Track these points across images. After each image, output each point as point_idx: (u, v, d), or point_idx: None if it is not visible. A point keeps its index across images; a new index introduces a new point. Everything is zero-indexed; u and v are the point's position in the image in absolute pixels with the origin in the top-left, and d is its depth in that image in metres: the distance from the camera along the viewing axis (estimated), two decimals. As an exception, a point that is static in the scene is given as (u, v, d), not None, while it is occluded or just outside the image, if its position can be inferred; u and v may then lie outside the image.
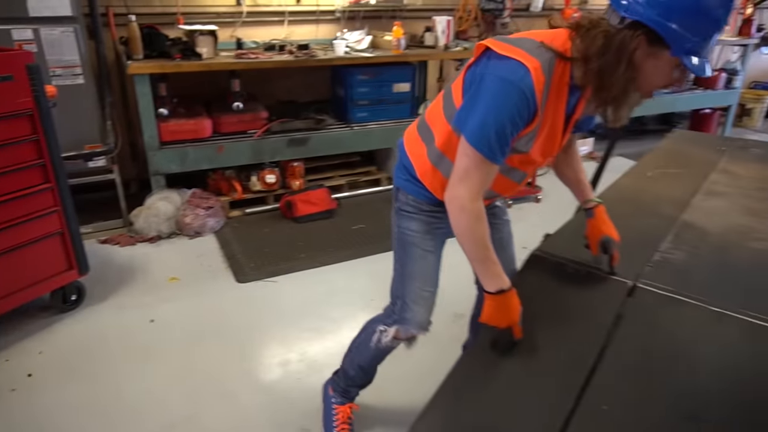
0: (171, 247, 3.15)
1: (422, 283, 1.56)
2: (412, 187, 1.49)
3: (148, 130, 3.14)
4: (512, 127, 1.18)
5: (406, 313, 1.57)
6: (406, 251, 1.55)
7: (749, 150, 2.80)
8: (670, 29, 1.06)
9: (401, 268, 1.57)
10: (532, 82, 1.15)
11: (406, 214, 1.52)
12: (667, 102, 5.10)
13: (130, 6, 3.46)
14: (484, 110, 1.18)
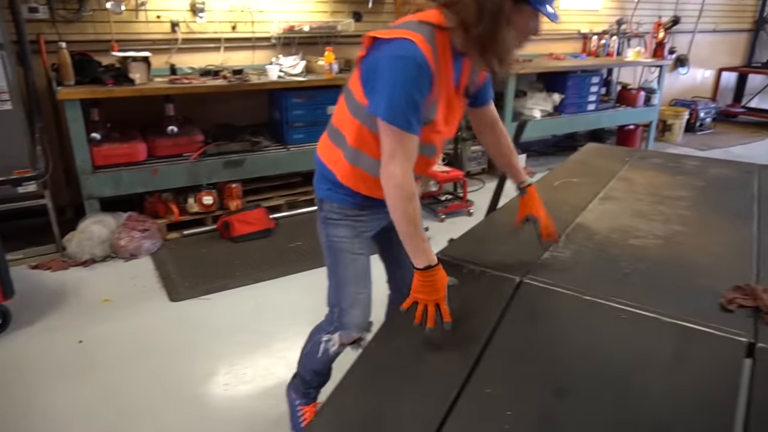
0: (105, 270, 3.15)
1: (356, 287, 1.62)
2: (335, 195, 1.55)
3: (80, 155, 3.16)
4: (419, 94, 1.29)
5: (345, 318, 1.63)
6: (336, 258, 1.60)
7: (649, 160, 3.06)
8: None
9: (334, 275, 1.63)
10: (422, 52, 1.26)
11: (333, 222, 1.58)
12: (593, 119, 5.45)
13: (63, 34, 3.50)
14: (388, 88, 1.28)
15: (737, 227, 2.08)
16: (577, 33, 5.93)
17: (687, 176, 2.76)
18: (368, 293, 1.66)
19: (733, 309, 1.48)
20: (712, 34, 7.29)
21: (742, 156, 5.98)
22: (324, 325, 1.73)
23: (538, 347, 1.42)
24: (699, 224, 2.12)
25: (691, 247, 1.93)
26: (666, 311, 1.44)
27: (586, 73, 5.27)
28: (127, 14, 3.64)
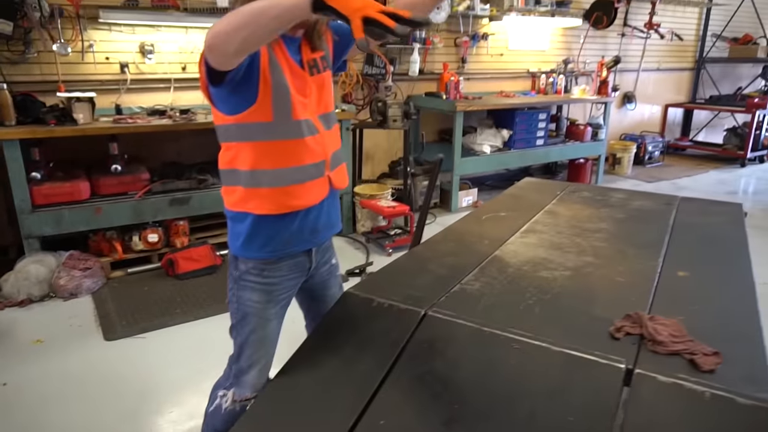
0: (42, 310, 3.11)
1: (258, 351, 1.59)
2: (251, 247, 1.48)
3: (19, 194, 3.16)
4: None
5: (242, 376, 1.60)
6: (245, 320, 1.55)
7: (578, 194, 3.20)
8: None
9: (239, 335, 1.58)
10: None
11: (248, 285, 1.52)
12: (542, 154, 5.64)
13: (8, 75, 3.54)
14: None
15: (645, 258, 2.19)
16: (526, 72, 6.20)
17: (610, 209, 2.89)
18: (269, 358, 1.63)
19: (620, 337, 1.56)
20: (656, 73, 7.67)
21: (688, 187, 6.24)
22: (221, 380, 1.68)
23: (434, 378, 1.47)
24: (609, 256, 2.23)
25: (596, 277, 2.02)
26: (556, 340, 1.51)
27: (533, 110, 5.48)
28: (76, 56, 3.70)
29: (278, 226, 1.48)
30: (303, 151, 1.44)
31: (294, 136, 1.42)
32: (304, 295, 1.80)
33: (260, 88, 1.34)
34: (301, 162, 1.44)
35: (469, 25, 5.37)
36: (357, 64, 4.92)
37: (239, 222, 1.50)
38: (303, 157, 1.44)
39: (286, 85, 1.38)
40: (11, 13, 3.36)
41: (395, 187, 4.70)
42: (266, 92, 1.35)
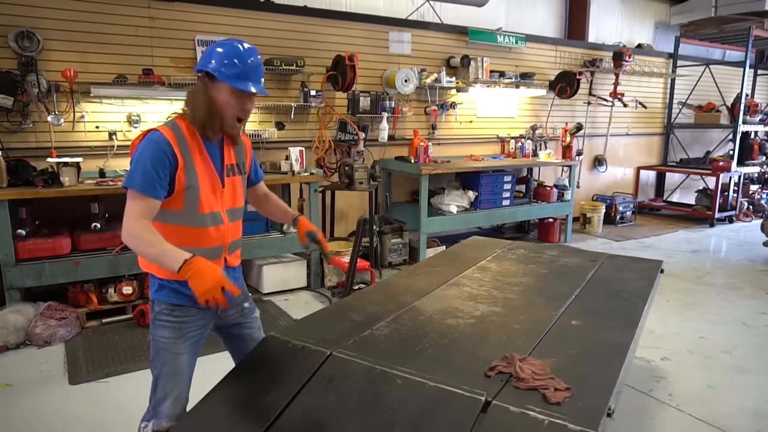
0: (17, 356, 3.35)
1: (171, 383, 1.81)
2: (162, 294, 1.79)
3: (3, 249, 3.47)
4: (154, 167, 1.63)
5: (158, 407, 1.81)
6: (158, 355, 1.81)
7: (516, 251, 3.47)
8: (212, 67, 1.69)
9: (154, 369, 1.83)
10: (164, 137, 1.67)
11: (160, 323, 1.80)
12: (507, 213, 5.96)
13: (6, 142, 3.95)
14: (133, 163, 1.67)
15: (548, 308, 2.44)
16: (496, 137, 6.62)
17: (537, 265, 3.16)
18: (182, 389, 1.84)
19: (491, 375, 1.80)
20: (626, 137, 8.11)
21: (653, 246, 6.50)
22: (145, 414, 1.86)
23: (326, 409, 1.71)
24: (517, 306, 2.48)
25: (496, 325, 2.26)
26: (435, 377, 1.75)
27: (498, 172, 5.85)
28: (68, 125, 4.12)
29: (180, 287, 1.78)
30: (204, 237, 1.81)
31: (198, 224, 1.79)
32: (223, 336, 2.06)
33: (175, 187, 1.71)
34: (200, 245, 1.79)
35: (436, 96, 5.83)
36: (330, 132, 5.34)
37: (153, 276, 1.82)
38: (203, 242, 1.80)
39: (197, 186, 1.75)
40: (12, 89, 3.81)
41: (362, 245, 4.98)
42: (180, 190, 1.72)
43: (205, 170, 1.77)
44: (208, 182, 1.78)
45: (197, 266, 1.58)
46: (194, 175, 1.73)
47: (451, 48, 6.04)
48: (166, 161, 1.65)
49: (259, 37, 4.82)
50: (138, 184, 1.63)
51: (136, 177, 1.63)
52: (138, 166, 1.64)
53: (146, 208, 1.64)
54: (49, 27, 4.00)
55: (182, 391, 1.85)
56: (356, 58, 4.91)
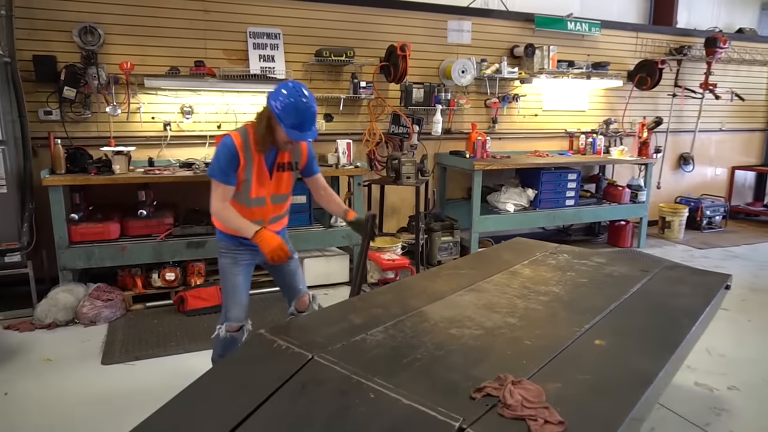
0: (64, 333, 3.55)
1: (233, 294, 2.52)
2: (223, 237, 2.52)
3: (58, 232, 3.69)
4: (227, 164, 2.31)
5: (227, 313, 2.52)
6: (223, 275, 2.55)
7: (558, 256, 3.16)
8: (276, 110, 2.28)
9: (222, 286, 2.58)
10: (234, 142, 2.33)
11: (222, 254, 2.54)
12: (571, 215, 5.53)
13: (70, 131, 4.20)
14: (214, 158, 2.37)
15: (571, 324, 2.16)
16: (564, 132, 6.17)
17: (577, 272, 2.84)
18: (241, 299, 2.53)
19: (477, 397, 1.60)
20: (719, 134, 7.28)
21: (742, 256, 5.77)
22: (220, 318, 2.57)
23: (292, 417, 1.59)
24: (537, 318, 2.22)
25: (505, 338, 2.03)
26: (411, 395, 1.58)
27: (562, 169, 5.44)
28: (127, 115, 4.32)
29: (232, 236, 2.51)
30: (248, 213, 2.44)
31: (246, 205, 2.45)
32: (269, 269, 2.77)
33: (237, 178, 2.38)
34: (248, 218, 2.41)
35: (496, 87, 5.52)
36: (383, 124, 5.21)
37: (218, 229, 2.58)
38: (249, 216, 2.43)
39: (250, 180, 2.41)
40: (75, 81, 4.04)
41: (409, 242, 4.83)
42: (240, 181, 2.39)
43: (257, 168, 2.40)
44: (257, 177, 2.42)
45: (264, 235, 2.30)
46: (249, 171, 2.38)
47: (515, 37, 5.69)
48: (232, 160, 2.32)
49: (309, 28, 4.79)
50: (217, 176, 2.33)
51: (216, 170, 2.33)
52: (216, 162, 2.33)
53: (225, 191, 2.35)
54: (109, 22, 4.20)
55: (241, 300, 2.53)
56: (408, 48, 4.74)
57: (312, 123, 2.33)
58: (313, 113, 2.32)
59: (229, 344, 2.55)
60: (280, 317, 3.85)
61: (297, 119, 2.27)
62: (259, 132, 2.34)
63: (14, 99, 3.68)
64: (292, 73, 4.70)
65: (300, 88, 2.30)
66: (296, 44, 4.77)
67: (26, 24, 4.00)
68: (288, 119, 2.26)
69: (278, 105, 2.26)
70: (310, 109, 2.30)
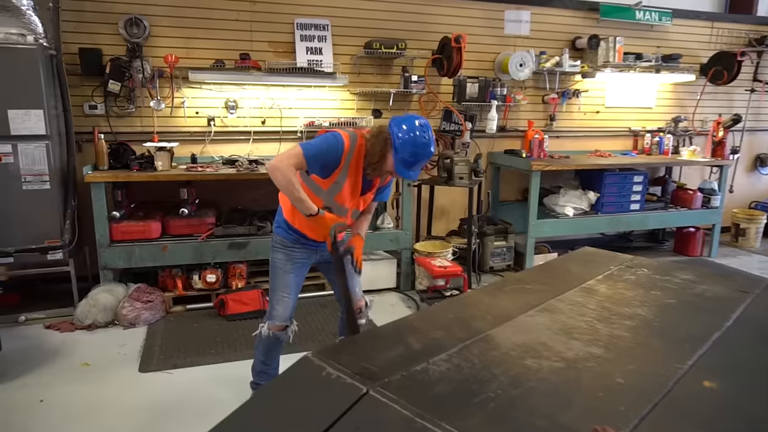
0: (103, 335, 3.44)
1: (282, 291, 2.39)
2: (280, 230, 2.39)
3: (100, 230, 3.58)
4: (325, 155, 2.17)
5: (273, 311, 2.41)
6: (274, 271, 2.41)
7: (636, 270, 2.80)
8: (396, 139, 2.13)
9: (272, 282, 2.43)
10: (344, 143, 2.18)
11: (276, 248, 2.40)
12: (636, 220, 5.10)
13: (115, 126, 4.10)
14: (318, 139, 2.22)
15: (670, 358, 1.82)
16: (628, 130, 5.73)
17: (663, 291, 2.48)
18: (290, 298, 2.42)
19: (567, 455, 1.30)
20: (802, 133, 6.63)
21: (830, 270, 5.19)
22: (264, 317, 2.47)
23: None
24: (626, 348, 1.89)
25: (592, 374, 1.72)
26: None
27: (627, 171, 5.02)
28: (171, 110, 4.19)
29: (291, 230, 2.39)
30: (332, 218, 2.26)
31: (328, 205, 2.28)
32: (323, 269, 2.65)
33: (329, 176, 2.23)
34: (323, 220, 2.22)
35: (556, 82, 5.13)
36: (433, 121, 4.93)
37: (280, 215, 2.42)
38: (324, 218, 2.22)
39: (341, 186, 2.26)
40: (120, 75, 3.93)
41: (459, 246, 4.53)
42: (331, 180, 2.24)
43: (353, 180, 2.27)
44: (350, 188, 2.28)
45: (321, 218, 2.19)
46: (343, 178, 2.24)
47: (578, 27, 5.29)
48: (331, 158, 2.18)
49: (359, 19, 4.55)
50: (308, 153, 2.15)
51: (312, 149, 2.17)
52: (317, 144, 2.20)
53: (301, 164, 2.17)
54: (155, 14, 4.07)
55: (290, 299, 2.42)
56: (463, 40, 4.43)
57: (422, 166, 2.24)
58: (429, 158, 2.22)
59: (272, 344, 2.48)
60: (323, 324, 3.64)
61: (412, 158, 2.17)
62: (374, 153, 2.21)
63: (59, 93, 3.59)
64: (340, 66, 4.46)
65: (428, 129, 2.18)
66: (345, 36, 4.54)
67: (73, 16, 3.92)
68: (406, 156, 2.15)
69: (400, 135, 2.14)
70: (429, 154, 2.20)
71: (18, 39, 3.38)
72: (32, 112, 3.38)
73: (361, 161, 2.25)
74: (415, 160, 2.17)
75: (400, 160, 2.16)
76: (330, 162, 2.19)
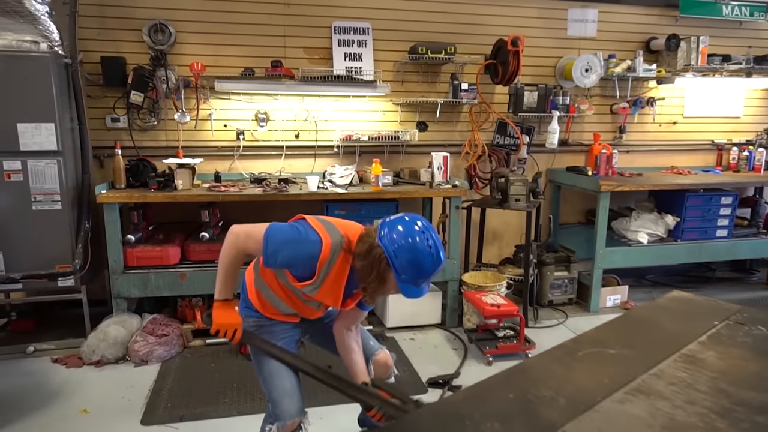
0: (111, 373, 3.09)
1: (279, 379, 1.88)
2: (249, 311, 1.95)
3: (113, 255, 3.26)
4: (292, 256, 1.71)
5: (277, 409, 1.87)
6: (258, 363, 1.93)
7: (753, 328, 2.17)
8: (395, 263, 1.64)
9: (260, 374, 1.93)
10: (320, 251, 1.70)
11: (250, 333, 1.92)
12: (724, 249, 4.37)
13: (138, 140, 3.80)
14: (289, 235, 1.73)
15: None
16: (710, 143, 5.00)
17: (798, 365, 1.86)
18: (291, 385, 1.89)
19: None
20: None
21: None
22: (266, 416, 1.96)
23: None
24: (770, 468, 1.31)
25: None
26: None
27: (713, 191, 4.32)
28: (196, 123, 3.86)
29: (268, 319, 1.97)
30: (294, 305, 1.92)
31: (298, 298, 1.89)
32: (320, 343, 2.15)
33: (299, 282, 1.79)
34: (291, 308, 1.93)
35: (627, 89, 4.50)
36: (485, 134, 4.40)
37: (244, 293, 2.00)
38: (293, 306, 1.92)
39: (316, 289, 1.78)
40: (143, 85, 3.62)
41: (515, 277, 3.97)
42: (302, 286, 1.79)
43: (330, 292, 1.80)
44: (328, 299, 1.83)
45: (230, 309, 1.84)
46: (317, 289, 1.79)
47: (652, 26, 4.64)
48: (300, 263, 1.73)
49: (403, 21, 4.10)
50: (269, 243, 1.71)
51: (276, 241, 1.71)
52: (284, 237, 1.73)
53: (257, 252, 1.78)
54: (182, 18, 3.76)
55: (291, 386, 1.89)
56: (521, 43, 3.90)
57: (432, 278, 1.73)
58: (438, 269, 1.70)
59: None
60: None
61: (419, 275, 1.67)
62: (369, 278, 1.71)
63: (74, 104, 3.30)
64: (381, 74, 4.02)
65: (430, 232, 1.68)
66: (387, 40, 4.10)
67: (95, 23, 3.65)
68: (410, 277, 1.67)
69: (396, 252, 1.64)
70: (438, 265, 1.69)
71: (30, 46, 3.11)
72: (43, 126, 3.09)
73: (343, 279, 1.76)
74: (425, 278, 1.69)
75: (406, 281, 1.67)
76: (297, 265, 1.73)
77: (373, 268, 1.67)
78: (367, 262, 1.68)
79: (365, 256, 1.68)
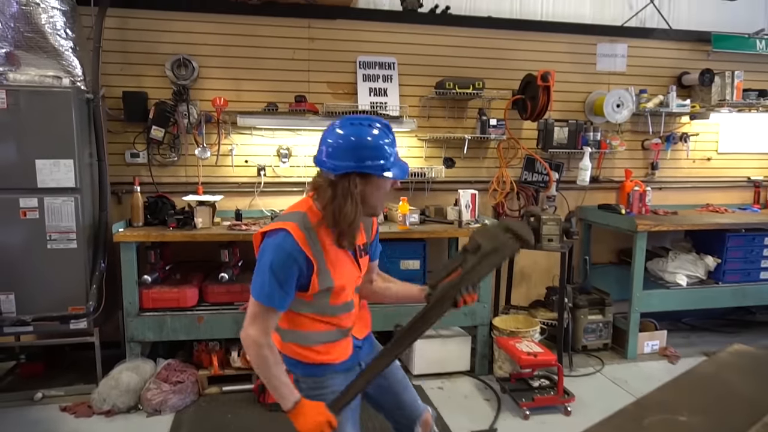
0: (122, 424, 2.90)
1: None
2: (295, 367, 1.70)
3: (128, 297, 3.11)
4: (286, 277, 1.52)
5: None
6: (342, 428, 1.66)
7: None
8: (366, 166, 1.52)
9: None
10: (293, 239, 1.52)
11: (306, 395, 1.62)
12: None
13: (157, 176, 3.70)
14: (262, 271, 1.52)
15: None
16: (746, 180, 4.81)
17: None
18: None
19: None
20: None
21: None
22: None
23: None
24: None
25: None
26: None
27: (755, 231, 4.11)
28: (217, 158, 3.75)
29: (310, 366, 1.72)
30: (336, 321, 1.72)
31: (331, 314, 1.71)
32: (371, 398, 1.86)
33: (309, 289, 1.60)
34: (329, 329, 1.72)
35: (661, 125, 4.35)
36: (514, 171, 4.26)
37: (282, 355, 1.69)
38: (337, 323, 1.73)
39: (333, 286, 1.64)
40: (164, 120, 3.54)
41: (547, 322, 3.75)
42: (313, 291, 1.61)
43: (341, 266, 1.66)
44: (346, 278, 1.68)
45: (306, 408, 1.57)
46: (328, 276, 1.62)
47: (684, 61, 4.52)
48: (295, 271, 1.54)
49: (429, 56, 4.02)
50: (265, 299, 1.52)
51: (265, 290, 1.52)
52: (265, 277, 1.52)
53: (273, 319, 1.57)
54: (205, 53, 3.70)
55: None
56: (552, 77, 3.78)
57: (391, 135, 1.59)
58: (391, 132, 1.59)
59: None
60: None
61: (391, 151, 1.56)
62: (347, 217, 1.54)
63: (94, 140, 3.22)
64: (407, 109, 3.91)
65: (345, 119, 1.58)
66: (413, 75, 4.01)
67: (119, 58, 3.60)
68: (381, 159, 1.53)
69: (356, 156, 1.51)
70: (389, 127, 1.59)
71: (53, 82, 3.05)
72: (62, 162, 3.00)
73: (330, 236, 1.60)
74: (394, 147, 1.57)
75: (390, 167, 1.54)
76: (294, 278, 1.53)
77: (345, 197, 1.52)
78: (338, 196, 1.52)
79: (332, 196, 1.53)
